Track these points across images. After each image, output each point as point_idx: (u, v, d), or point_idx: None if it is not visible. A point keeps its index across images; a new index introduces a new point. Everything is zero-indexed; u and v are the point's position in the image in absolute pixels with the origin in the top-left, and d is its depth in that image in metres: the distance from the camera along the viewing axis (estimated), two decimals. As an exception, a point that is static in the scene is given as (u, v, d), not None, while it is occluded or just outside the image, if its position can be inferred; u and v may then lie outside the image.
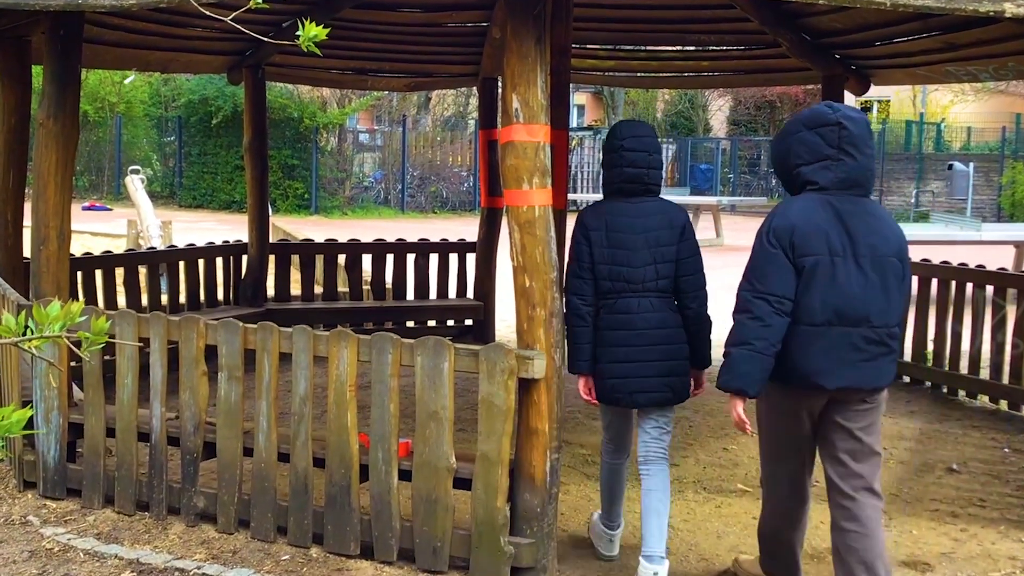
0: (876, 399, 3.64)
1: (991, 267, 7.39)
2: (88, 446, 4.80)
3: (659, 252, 4.03)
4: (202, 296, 7.98)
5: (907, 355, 7.58)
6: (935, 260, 7.68)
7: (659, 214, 4.08)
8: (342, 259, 8.87)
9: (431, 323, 8.64)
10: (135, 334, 4.63)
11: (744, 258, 3.72)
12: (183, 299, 7.84)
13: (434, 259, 8.87)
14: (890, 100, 34.74)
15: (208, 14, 2.61)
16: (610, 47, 8.78)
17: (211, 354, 4.51)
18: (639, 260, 4.02)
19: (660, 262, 4.03)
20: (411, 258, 8.80)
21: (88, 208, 23.00)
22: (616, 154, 4.13)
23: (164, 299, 7.72)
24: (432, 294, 8.86)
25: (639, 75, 9.62)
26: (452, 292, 8.97)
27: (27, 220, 5.32)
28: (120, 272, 7.45)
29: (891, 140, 30.42)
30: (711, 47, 8.65)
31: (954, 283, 7.22)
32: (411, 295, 8.81)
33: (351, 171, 26.18)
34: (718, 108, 36.34)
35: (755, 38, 7.97)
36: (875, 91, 9.43)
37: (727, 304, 3.91)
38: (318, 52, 2.30)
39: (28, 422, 1.89)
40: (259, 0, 2.25)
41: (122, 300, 7.42)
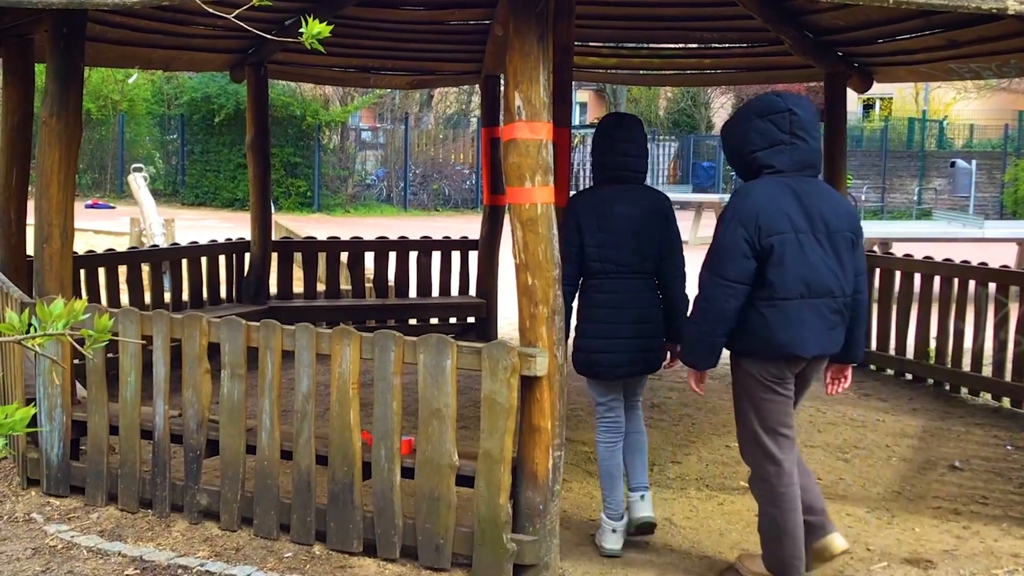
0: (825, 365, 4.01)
1: (993, 264, 7.39)
2: (91, 444, 4.81)
3: (644, 237, 4.35)
4: (205, 294, 7.98)
5: (910, 352, 7.58)
6: (938, 257, 7.68)
7: (645, 201, 4.42)
8: (345, 257, 8.87)
9: (434, 321, 8.64)
10: (138, 332, 4.64)
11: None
12: (186, 297, 7.85)
13: (437, 257, 8.88)
14: (892, 98, 34.71)
15: (211, 11, 2.61)
16: (612, 44, 8.78)
17: (214, 352, 4.52)
18: (626, 244, 4.32)
19: (645, 246, 4.35)
20: (414, 256, 8.80)
21: (91, 206, 23.02)
22: (608, 144, 4.46)
23: (167, 297, 7.73)
24: (435, 292, 8.86)
25: (641, 72, 9.62)
26: (455, 290, 8.97)
27: (30, 218, 5.33)
28: (123, 270, 7.46)
29: (893, 138, 30.34)
30: (713, 44, 8.66)
31: (957, 280, 7.22)
32: (414, 293, 8.81)
33: (353, 169, 26.17)
34: (720, 106, 36.29)
35: (757, 35, 7.97)
36: (877, 88, 9.43)
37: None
38: (321, 49, 2.29)
39: (31, 420, 1.89)
40: (262, -3, 2.26)
41: (125, 298, 7.42)
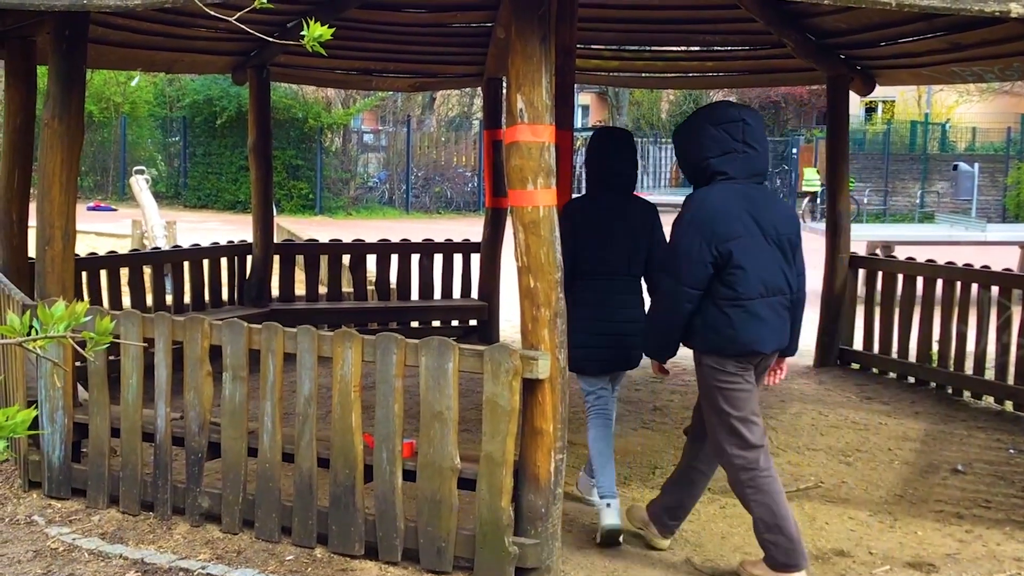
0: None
1: (996, 268, 7.37)
2: (93, 446, 4.80)
3: (634, 243, 4.61)
4: (207, 296, 7.98)
5: (913, 356, 7.57)
6: (940, 261, 7.67)
7: (635, 210, 4.68)
8: (346, 259, 8.87)
9: (435, 323, 8.64)
10: (140, 334, 4.64)
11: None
12: (188, 299, 7.85)
13: (438, 259, 8.87)
14: (895, 101, 34.65)
15: (213, 14, 2.61)
16: (615, 47, 8.79)
17: (216, 354, 4.51)
18: (617, 248, 4.58)
19: (633, 251, 4.61)
20: (415, 258, 8.80)
21: (93, 208, 23.03)
22: (604, 157, 4.70)
23: (169, 299, 7.72)
24: (436, 294, 8.86)
25: (643, 75, 9.62)
26: (456, 292, 8.96)
27: (32, 220, 5.33)
28: (125, 272, 7.45)
29: (896, 141, 30.28)
30: (716, 47, 8.66)
31: (959, 284, 7.20)
32: (415, 295, 8.80)
33: (355, 171, 26.18)
34: (723, 108, 36.25)
35: (760, 38, 7.97)
36: (880, 91, 9.41)
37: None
38: (323, 52, 2.29)
39: (33, 422, 1.88)
40: (264, 0, 2.25)
41: (127, 300, 7.42)
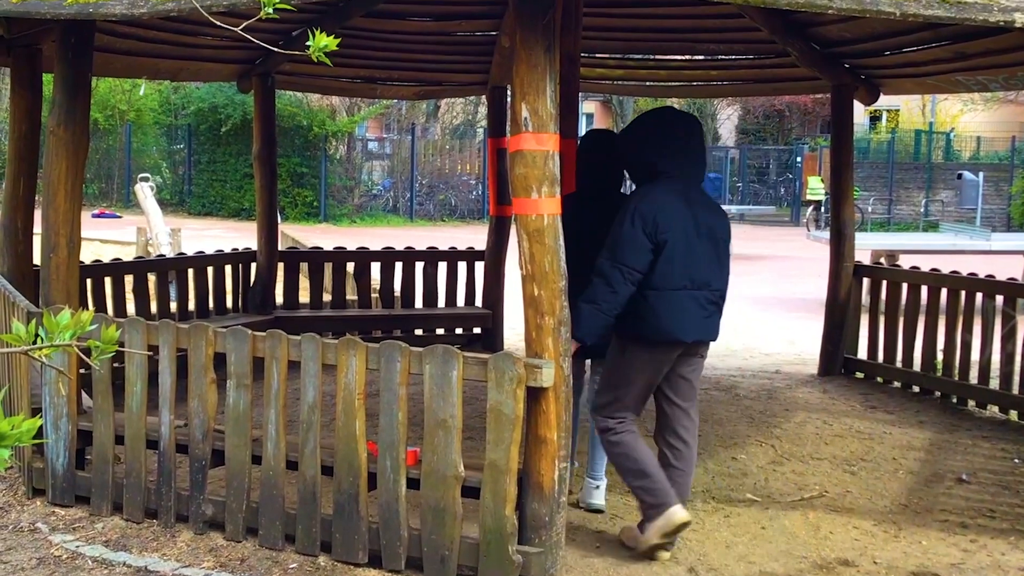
0: (706, 352, 4.52)
1: (1001, 277, 7.36)
2: (97, 453, 4.81)
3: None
4: (211, 304, 7.98)
5: (917, 365, 7.55)
6: (945, 270, 7.66)
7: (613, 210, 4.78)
8: (351, 267, 8.88)
9: (440, 331, 8.63)
10: (144, 342, 4.64)
11: (753, 267, 3.84)
12: (192, 307, 7.85)
13: (443, 267, 8.87)
14: (899, 110, 34.64)
15: (218, 23, 2.61)
16: (619, 56, 8.79)
17: (220, 362, 4.52)
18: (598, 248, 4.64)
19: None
20: (420, 266, 8.79)
21: (98, 216, 23.07)
22: (587, 165, 4.92)
23: (173, 307, 7.73)
24: (441, 302, 8.85)
25: (648, 84, 9.62)
26: (461, 300, 8.96)
27: (37, 227, 5.34)
28: (129, 279, 7.47)
29: (900, 149, 30.26)
30: (720, 56, 8.66)
31: (964, 293, 7.19)
32: (419, 303, 8.80)
33: (360, 179, 26.22)
34: (727, 117, 36.32)
35: (764, 47, 7.97)
36: (884, 101, 9.42)
37: (735, 310, 4.01)
38: (328, 62, 2.30)
39: (37, 430, 1.88)
40: (269, 10, 2.26)
41: (131, 307, 7.43)
